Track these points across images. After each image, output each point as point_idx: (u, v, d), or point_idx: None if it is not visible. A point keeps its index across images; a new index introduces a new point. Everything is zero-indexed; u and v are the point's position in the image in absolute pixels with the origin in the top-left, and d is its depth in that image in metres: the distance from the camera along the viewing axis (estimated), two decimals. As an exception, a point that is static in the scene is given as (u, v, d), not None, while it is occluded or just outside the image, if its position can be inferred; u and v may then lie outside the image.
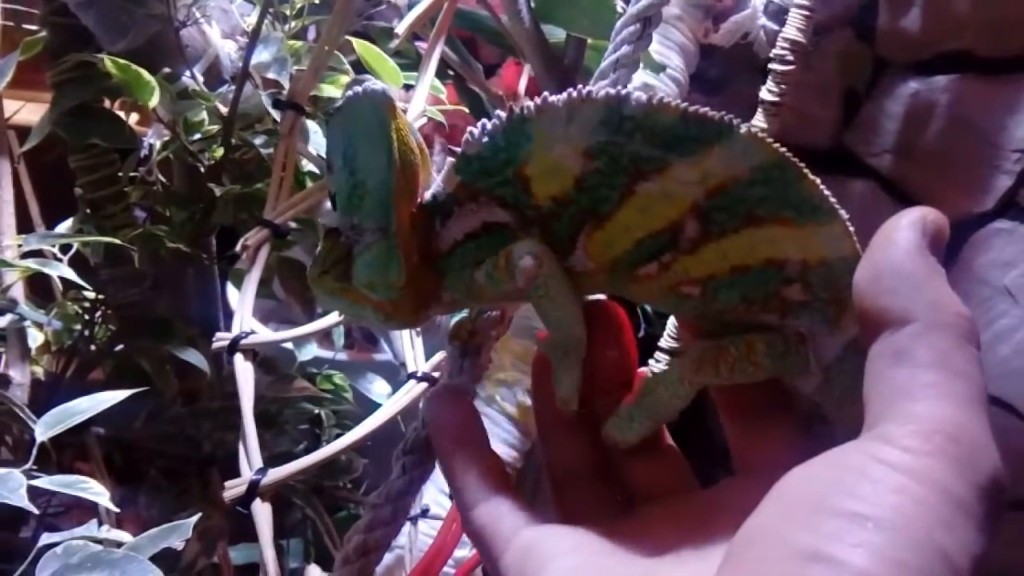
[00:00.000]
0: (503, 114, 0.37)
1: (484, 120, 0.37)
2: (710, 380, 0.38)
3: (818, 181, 0.36)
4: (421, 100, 0.72)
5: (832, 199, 0.36)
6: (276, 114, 0.69)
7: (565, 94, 0.36)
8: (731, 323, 0.39)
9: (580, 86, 0.36)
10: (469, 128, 0.38)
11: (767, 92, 1.00)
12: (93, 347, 0.79)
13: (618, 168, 0.37)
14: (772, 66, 1.00)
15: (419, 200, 0.39)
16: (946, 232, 0.34)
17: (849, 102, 1.50)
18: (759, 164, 0.36)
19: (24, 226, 0.84)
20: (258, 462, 0.54)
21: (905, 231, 0.33)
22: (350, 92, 0.37)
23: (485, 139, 0.37)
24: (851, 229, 0.36)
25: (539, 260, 0.38)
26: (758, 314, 0.38)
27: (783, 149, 0.36)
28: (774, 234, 0.36)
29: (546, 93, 0.36)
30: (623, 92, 0.36)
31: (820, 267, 0.37)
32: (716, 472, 0.42)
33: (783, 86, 0.99)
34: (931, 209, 0.34)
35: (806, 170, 0.36)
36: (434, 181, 0.40)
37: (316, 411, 0.84)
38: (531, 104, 0.36)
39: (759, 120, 1.02)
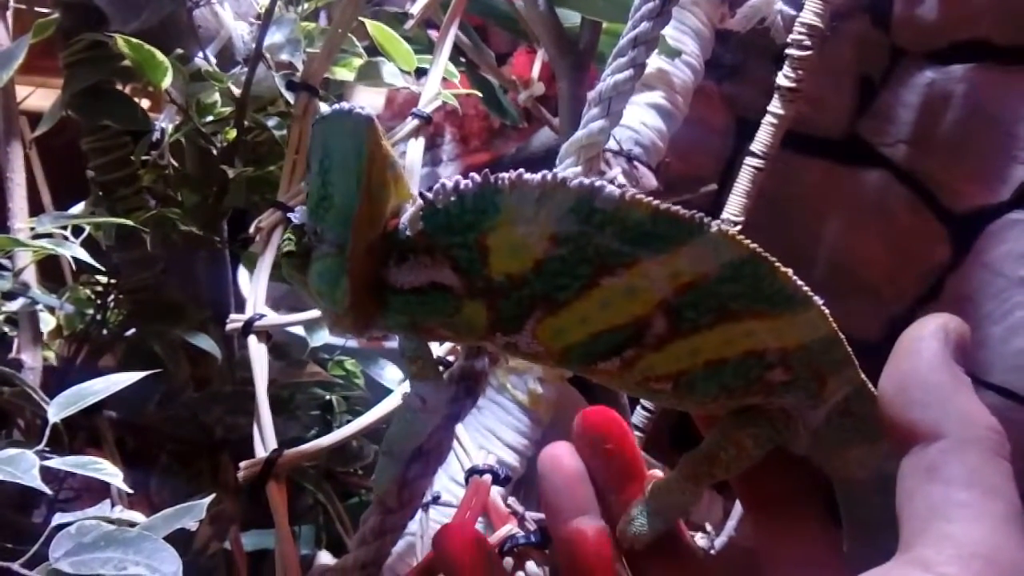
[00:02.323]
0: (478, 177, 0.37)
1: (458, 177, 0.37)
2: (710, 483, 0.39)
3: (790, 272, 0.36)
4: (436, 83, 0.71)
5: (805, 287, 0.37)
6: (289, 96, 0.69)
7: (540, 175, 0.36)
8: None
9: (555, 171, 0.36)
10: (443, 180, 0.38)
11: (784, 78, 0.99)
12: (105, 331, 0.79)
13: (583, 259, 0.36)
14: (789, 51, 0.99)
15: (385, 228, 0.39)
16: (968, 339, 0.34)
17: (864, 91, 1.49)
18: (729, 261, 0.36)
19: (36, 211, 0.84)
20: (273, 443, 0.53)
21: (928, 340, 0.33)
22: (337, 105, 0.37)
23: (453, 197, 0.37)
24: (826, 312, 0.37)
25: (426, 406, 0.42)
26: (741, 399, 0.38)
27: (754, 245, 0.36)
28: (750, 327, 0.36)
29: (522, 170, 0.36)
30: (597, 183, 0.35)
31: (800, 351, 0.37)
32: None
33: (800, 72, 0.98)
34: (952, 316, 0.35)
35: (777, 263, 0.36)
36: (406, 209, 0.39)
37: (327, 397, 0.84)
38: (505, 177, 0.36)
39: (775, 106, 1.01)
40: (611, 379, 0.39)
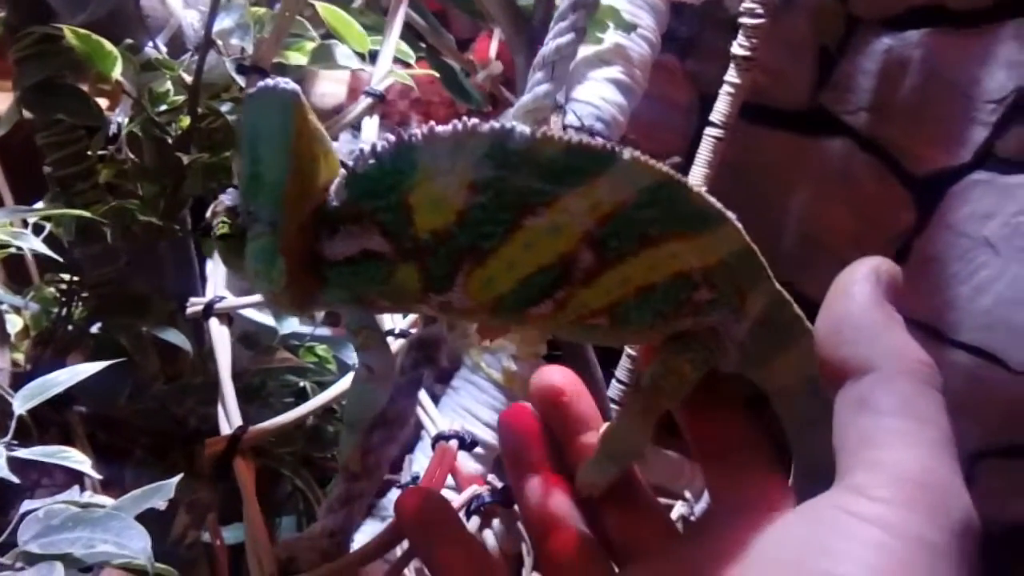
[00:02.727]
0: (392, 137, 0.37)
1: (376, 140, 0.38)
2: (659, 413, 0.40)
3: (704, 190, 0.37)
4: (387, 60, 0.72)
5: (717, 203, 0.37)
6: (242, 81, 0.69)
7: (451, 125, 0.36)
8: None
9: (465, 118, 0.36)
10: (360, 145, 0.38)
11: (738, 47, 1.00)
12: (71, 328, 0.79)
13: (503, 203, 0.36)
14: (742, 20, 1.00)
15: (317, 204, 0.39)
16: (900, 279, 0.35)
17: (823, 61, 1.50)
18: (646, 186, 0.36)
19: (-4, 213, 0.83)
20: (238, 420, 0.53)
21: (861, 283, 0.35)
22: (261, 83, 0.37)
23: (372, 160, 0.37)
24: (739, 226, 0.38)
25: (374, 375, 0.42)
26: (673, 323, 0.39)
27: (666, 168, 0.37)
28: (673, 249, 0.37)
29: (432, 123, 0.36)
30: (508, 126, 0.36)
31: (720, 267, 0.38)
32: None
33: (754, 40, 0.99)
34: (883, 259, 0.36)
35: (690, 183, 0.37)
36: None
37: (300, 383, 0.84)
38: (417, 132, 0.36)
39: (732, 75, 1.02)
40: (547, 323, 0.39)
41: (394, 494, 0.83)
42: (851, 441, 0.32)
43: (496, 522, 0.49)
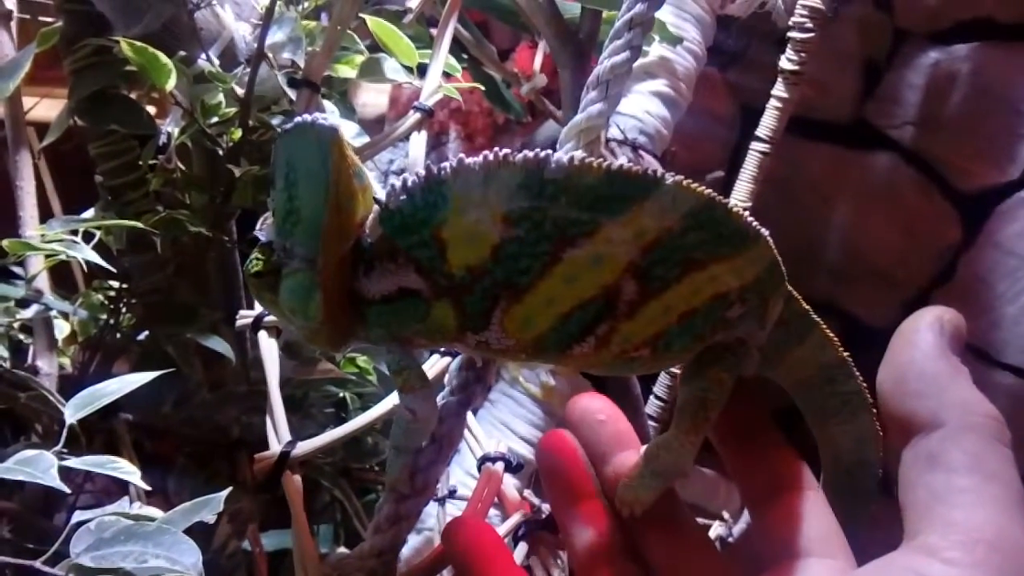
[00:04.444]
0: (422, 172, 0.36)
1: (406, 175, 0.37)
2: (708, 428, 0.39)
3: (740, 209, 0.36)
4: (436, 76, 0.72)
5: (754, 221, 0.37)
6: (292, 94, 0.69)
7: (481, 156, 0.35)
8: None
9: (497, 149, 0.35)
10: (391, 181, 0.38)
11: (787, 61, 0.99)
12: (118, 335, 0.80)
13: (541, 235, 0.35)
14: (792, 34, 0.99)
15: (354, 241, 0.38)
16: (963, 330, 0.35)
17: (869, 74, 1.48)
18: (689, 210, 0.35)
19: (46, 220, 0.85)
20: (287, 436, 0.53)
21: (924, 332, 0.34)
22: (299, 118, 0.37)
23: (404, 196, 0.37)
24: (770, 240, 0.37)
25: (416, 417, 0.42)
26: (707, 342, 0.38)
27: (708, 191, 0.36)
28: (714, 272, 0.36)
29: (462, 155, 0.36)
30: (542, 154, 0.35)
31: (754, 283, 0.37)
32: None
33: (803, 55, 0.98)
34: (947, 308, 0.35)
35: (728, 202, 0.36)
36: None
37: (341, 394, 0.84)
38: (447, 165, 0.35)
39: (779, 90, 1.01)
40: (588, 361, 0.38)
41: (432, 507, 0.83)
42: (921, 499, 0.32)
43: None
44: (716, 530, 1.03)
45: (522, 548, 0.48)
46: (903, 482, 0.33)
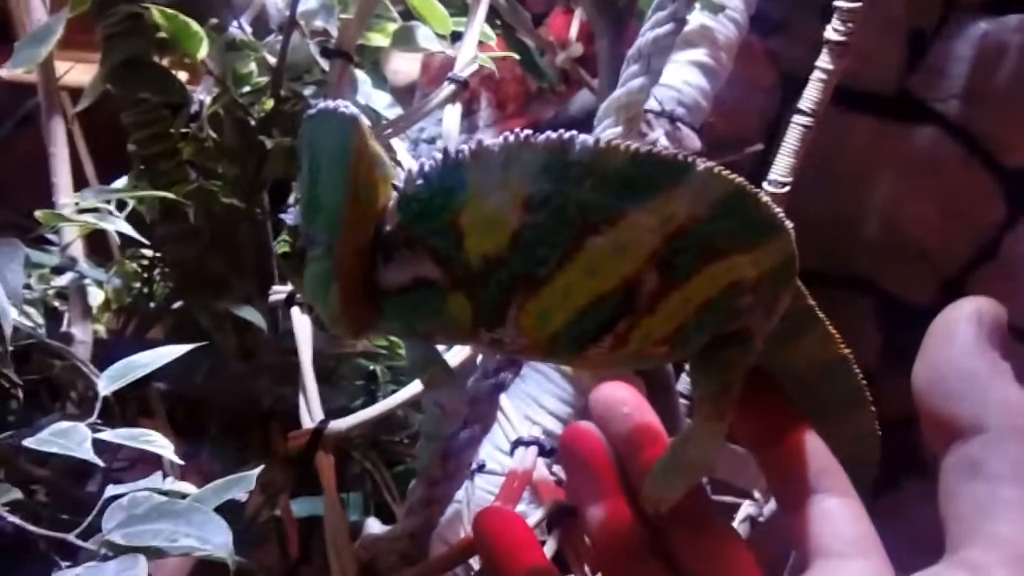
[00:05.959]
0: (439, 155, 0.35)
1: (423, 159, 0.35)
2: (730, 415, 0.37)
3: (768, 199, 0.35)
4: (472, 46, 0.70)
5: (780, 212, 0.35)
6: (324, 64, 0.68)
7: (502, 137, 0.33)
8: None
9: (518, 131, 0.33)
10: (408, 167, 0.36)
11: (832, 31, 0.96)
12: (152, 304, 0.80)
13: (562, 221, 0.33)
14: (838, 3, 0.95)
15: (374, 230, 0.37)
16: (1005, 321, 0.32)
17: (915, 44, 1.43)
18: (718, 198, 0.33)
19: (81, 186, 0.85)
20: (319, 414, 0.53)
21: (963, 325, 0.32)
22: (322, 104, 0.36)
23: (420, 181, 0.35)
24: (792, 235, 0.36)
25: (446, 411, 0.41)
26: (721, 331, 0.37)
27: (736, 177, 0.34)
28: (734, 262, 0.35)
29: (481, 137, 0.34)
30: (566, 135, 0.33)
31: (771, 273, 0.36)
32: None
33: (849, 25, 0.95)
34: (987, 299, 0.33)
35: (757, 192, 0.34)
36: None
37: (371, 367, 0.84)
38: (466, 148, 0.34)
39: (824, 61, 0.98)
40: (604, 362, 0.37)
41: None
42: (963, 511, 0.30)
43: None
44: (746, 509, 1.02)
45: (555, 536, 0.48)
46: (944, 491, 0.31)
